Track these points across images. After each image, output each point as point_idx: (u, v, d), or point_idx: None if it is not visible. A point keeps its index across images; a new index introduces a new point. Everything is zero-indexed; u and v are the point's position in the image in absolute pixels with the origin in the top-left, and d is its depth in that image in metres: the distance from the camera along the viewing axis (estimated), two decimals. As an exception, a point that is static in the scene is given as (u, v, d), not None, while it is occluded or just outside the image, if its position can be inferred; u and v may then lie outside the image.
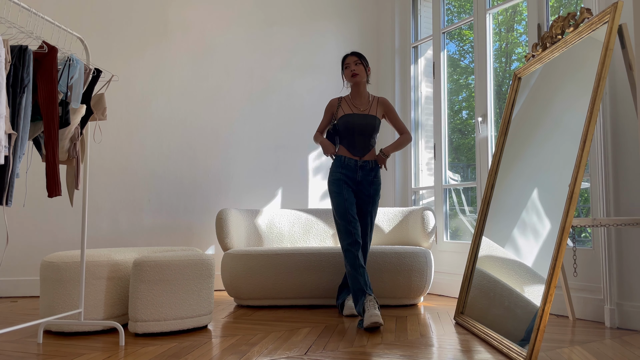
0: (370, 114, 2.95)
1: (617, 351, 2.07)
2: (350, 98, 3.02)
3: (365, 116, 2.94)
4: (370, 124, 2.93)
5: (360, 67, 2.95)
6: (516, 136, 2.82)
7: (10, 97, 1.81)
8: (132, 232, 3.87)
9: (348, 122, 2.92)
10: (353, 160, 2.91)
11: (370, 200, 2.91)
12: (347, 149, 2.93)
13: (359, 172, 2.90)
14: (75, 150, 2.23)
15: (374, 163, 2.94)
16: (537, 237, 2.26)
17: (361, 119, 2.93)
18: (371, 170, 2.93)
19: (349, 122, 2.92)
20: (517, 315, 2.15)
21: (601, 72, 2.13)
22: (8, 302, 3.37)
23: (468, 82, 4.15)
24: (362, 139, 2.93)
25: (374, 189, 2.93)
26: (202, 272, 2.52)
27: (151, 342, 2.25)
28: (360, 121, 2.92)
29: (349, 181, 2.88)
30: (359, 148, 2.93)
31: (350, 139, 2.93)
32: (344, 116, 2.94)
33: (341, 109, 2.99)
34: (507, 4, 3.49)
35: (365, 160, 2.92)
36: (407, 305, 3.25)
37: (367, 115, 2.94)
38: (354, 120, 2.92)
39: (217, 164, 4.11)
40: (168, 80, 4.05)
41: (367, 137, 2.93)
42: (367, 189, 2.91)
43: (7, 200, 1.79)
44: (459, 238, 3.93)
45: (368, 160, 2.93)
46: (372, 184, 2.92)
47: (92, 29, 3.87)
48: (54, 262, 2.43)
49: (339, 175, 2.89)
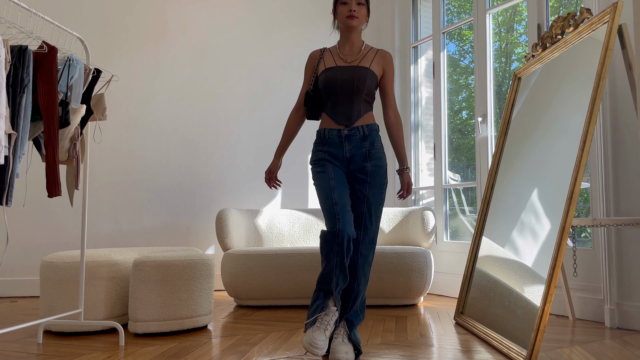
0: (360, 66, 2.17)
1: (617, 351, 2.07)
2: (337, 47, 2.27)
3: (353, 68, 2.16)
4: (360, 77, 2.14)
5: (362, 9, 2.19)
6: (516, 136, 2.82)
7: (10, 97, 1.81)
8: (132, 232, 3.87)
9: (329, 78, 2.17)
10: (335, 131, 2.15)
11: (365, 180, 2.13)
12: (331, 117, 2.18)
13: (346, 145, 2.13)
14: (75, 150, 2.23)
15: (367, 130, 2.15)
16: (537, 237, 2.26)
17: (346, 72, 2.16)
18: (363, 140, 2.14)
19: (330, 78, 2.17)
20: (517, 315, 2.15)
21: (601, 72, 2.13)
22: (8, 302, 3.37)
23: (468, 82, 4.15)
24: (348, 99, 2.15)
25: (373, 164, 2.13)
26: (202, 272, 2.52)
27: (151, 342, 2.25)
28: (345, 76, 2.15)
29: (335, 161, 2.15)
30: (343, 113, 2.15)
31: (333, 102, 2.18)
32: (324, 71, 2.20)
33: (322, 62, 2.24)
34: (507, 4, 3.49)
35: (353, 128, 2.14)
36: (407, 305, 3.25)
37: (354, 67, 2.17)
38: (335, 74, 2.16)
39: (217, 164, 4.11)
40: (168, 80, 4.05)
41: (354, 96, 2.15)
42: (361, 165, 2.13)
43: (7, 200, 1.79)
44: (459, 238, 3.93)
45: (357, 127, 2.14)
46: (368, 158, 2.13)
47: (92, 29, 3.87)
48: (54, 262, 2.43)
49: (320, 155, 2.17)
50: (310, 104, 2.25)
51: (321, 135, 2.20)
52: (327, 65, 2.21)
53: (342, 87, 2.15)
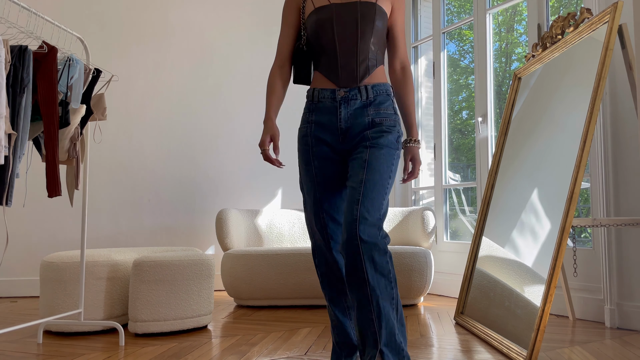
0: (363, 0, 1.58)
1: (617, 351, 2.07)
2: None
3: (353, 5, 1.58)
4: (365, 17, 1.57)
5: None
6: (516, 136, 2.82)
7: (10, 97, 1.81)
8: (132, 232, 3.87)
9: (321, 21, 1.59)
10: (328, 91, 1.58)
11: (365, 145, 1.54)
12: (326, 75, 1.60)
13: (343, 110, 1.56)
14: (75, 150, 2.23)
15: (372, 91, 1.58)
16: (537, 237, 2.26)
17: (345, 11, 1.58)
18: (366, 106, 1.57)
19: (323, 22, 1.59)
20: (517, 315, 2.15)
21: (601, 72, 2.13)
22: (8, 302, 3.37)
23: (468, 82, 4.14)
24: (348, 49, 1.58)
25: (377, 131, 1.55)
26: (202, 272, 2.52)
27: (151, 342, 2.25)
28: (344, 16, 1.57)
29: (326, 136, 1.58)
30: (343, 69, 1.58)
31: (328, 55, 1.60)
32: (314, 12, 1.61)
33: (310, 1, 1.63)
34: (507, 4, 3.49)
35: (354, 88, 1.57)
36: (407, 305, 3.25)
37: (355, 3, 1.58)
38: (330, 15, 1.58)
39: (217, 163, 4.11)
40: (168, 80, 4.05)
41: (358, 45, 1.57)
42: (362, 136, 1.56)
43: (7, 200, 1.79)
44: (459, 238, 3.93)
45: (358, 88, 1.57)
46: (373, 125, 1.56)
47: (92, 29, 3.87)
48: (54, 262, 2.43)
49: (305, 129, 1.62)
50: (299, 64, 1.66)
51: (312, 97, 1.61)
52: (318, 4, 1.60)
53: (341, 32, 1.57)
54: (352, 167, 1.54)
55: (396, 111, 1.62)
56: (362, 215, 1.42)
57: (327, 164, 1.60)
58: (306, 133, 1.62)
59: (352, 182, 1.50)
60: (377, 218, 1.44)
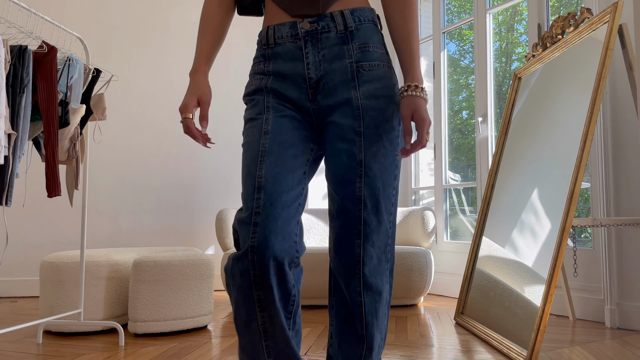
0: None
1: (617, 351, 2.07)
2: None
3: None
4: None
5: None
6: (516, 136, 2.82)
7: (10, 97, 1.81)
8: (132, 232, 3.87)
9: None
10: (287, 26, 1.09)
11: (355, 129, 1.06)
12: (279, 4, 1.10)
13: (310, 54, 1.07)
14: (75, 150, 2.23)
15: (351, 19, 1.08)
16: (537, 237, 2.26)
17: None
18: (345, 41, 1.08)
19: None
20: (518, 315, 2.15)
21: (601, 72, 2.13)
22: (8, 302, 3.37)
23: (468, 82, 4.14)
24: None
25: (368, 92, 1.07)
26: (202, 272, 2.51)
27: (151, 342, 2.25)
28: None
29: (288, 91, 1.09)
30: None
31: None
32: None
33: None
34: (507, 4, 3.49)
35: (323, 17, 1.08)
36: (407, 305, 3.25)
37: None
38: None
39: (217, 163, 4.11)
40: (168, 80, 4.05)
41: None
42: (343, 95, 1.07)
43: (7, 200, 1.79)
44: (459, 238, 3.93)
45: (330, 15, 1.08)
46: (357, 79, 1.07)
47: (92, 29, 3.87)
48: (54, 262, 2.43)
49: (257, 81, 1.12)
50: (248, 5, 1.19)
51: (263, 39, 1.13)
52: None
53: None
54: (337, 166, 1.06)
55: (384, 46, 1.13)
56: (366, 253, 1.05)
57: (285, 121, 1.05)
58: (258, 87, 1.10)
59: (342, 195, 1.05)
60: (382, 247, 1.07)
